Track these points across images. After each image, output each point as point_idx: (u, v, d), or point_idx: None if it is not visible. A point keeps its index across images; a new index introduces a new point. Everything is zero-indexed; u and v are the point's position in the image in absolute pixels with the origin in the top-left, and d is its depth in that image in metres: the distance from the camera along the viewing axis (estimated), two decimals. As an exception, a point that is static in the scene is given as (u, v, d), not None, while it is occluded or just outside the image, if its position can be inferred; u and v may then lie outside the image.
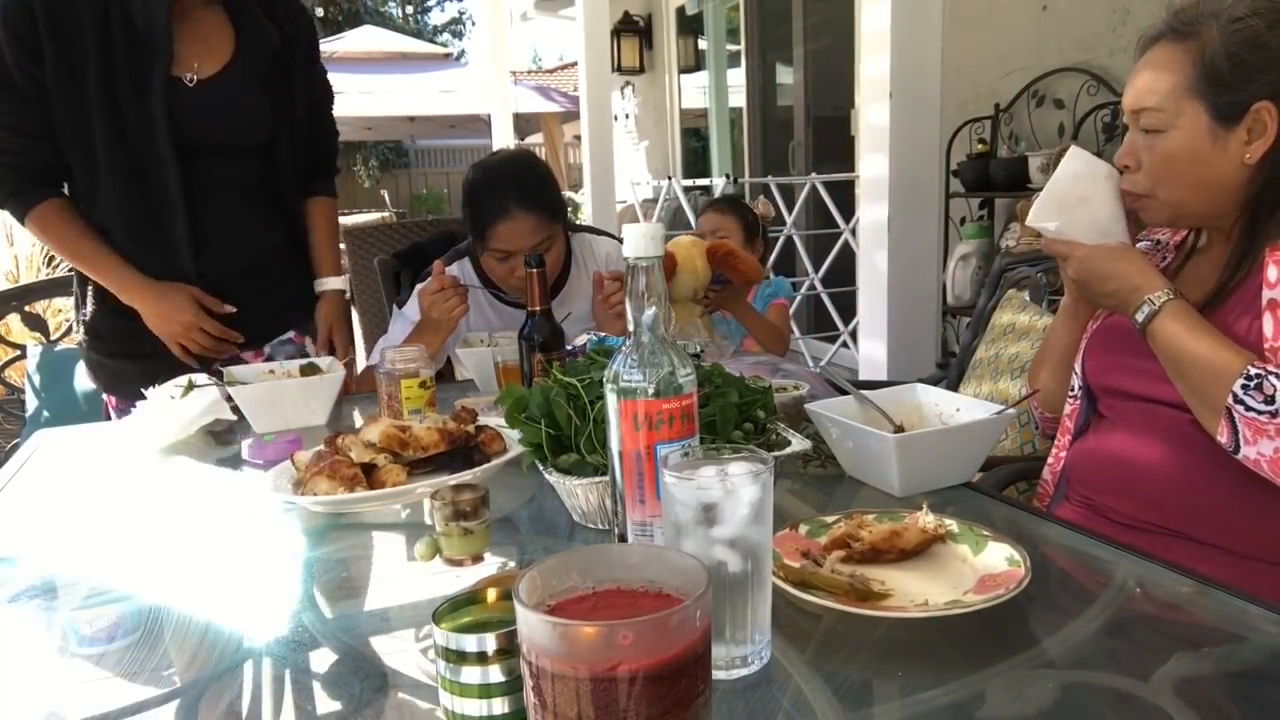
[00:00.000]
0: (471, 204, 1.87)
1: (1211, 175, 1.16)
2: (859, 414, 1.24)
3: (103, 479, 1.43)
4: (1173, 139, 1.17)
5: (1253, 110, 1.12)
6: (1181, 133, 1.16)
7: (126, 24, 1.62)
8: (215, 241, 1.75)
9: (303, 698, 0.77)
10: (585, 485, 1.02)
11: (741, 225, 2.63)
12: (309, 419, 1.60)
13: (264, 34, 1.77)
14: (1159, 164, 1.19)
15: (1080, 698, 0.72)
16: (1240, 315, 1.15)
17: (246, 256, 1.81)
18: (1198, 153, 1.16)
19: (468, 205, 1.89)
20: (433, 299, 1.78)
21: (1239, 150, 1.14)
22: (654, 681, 0.52)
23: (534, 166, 1.99)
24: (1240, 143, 1.14)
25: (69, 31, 1.59)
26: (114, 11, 1.61)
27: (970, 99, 3.87)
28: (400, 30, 17.90)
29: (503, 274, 1.88)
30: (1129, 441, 1.24)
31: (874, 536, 0.92)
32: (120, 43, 1.62)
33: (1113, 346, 1.30)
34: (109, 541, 1.16)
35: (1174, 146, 1.17)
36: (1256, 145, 1.13)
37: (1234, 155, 1.14)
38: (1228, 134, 1.14)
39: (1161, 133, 1.17)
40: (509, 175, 1.88)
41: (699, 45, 7.58)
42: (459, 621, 0.66)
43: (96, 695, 0.79)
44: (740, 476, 0.72)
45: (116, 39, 1.62)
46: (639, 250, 0.81)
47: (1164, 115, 1.16)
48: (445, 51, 13.41)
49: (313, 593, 0.98)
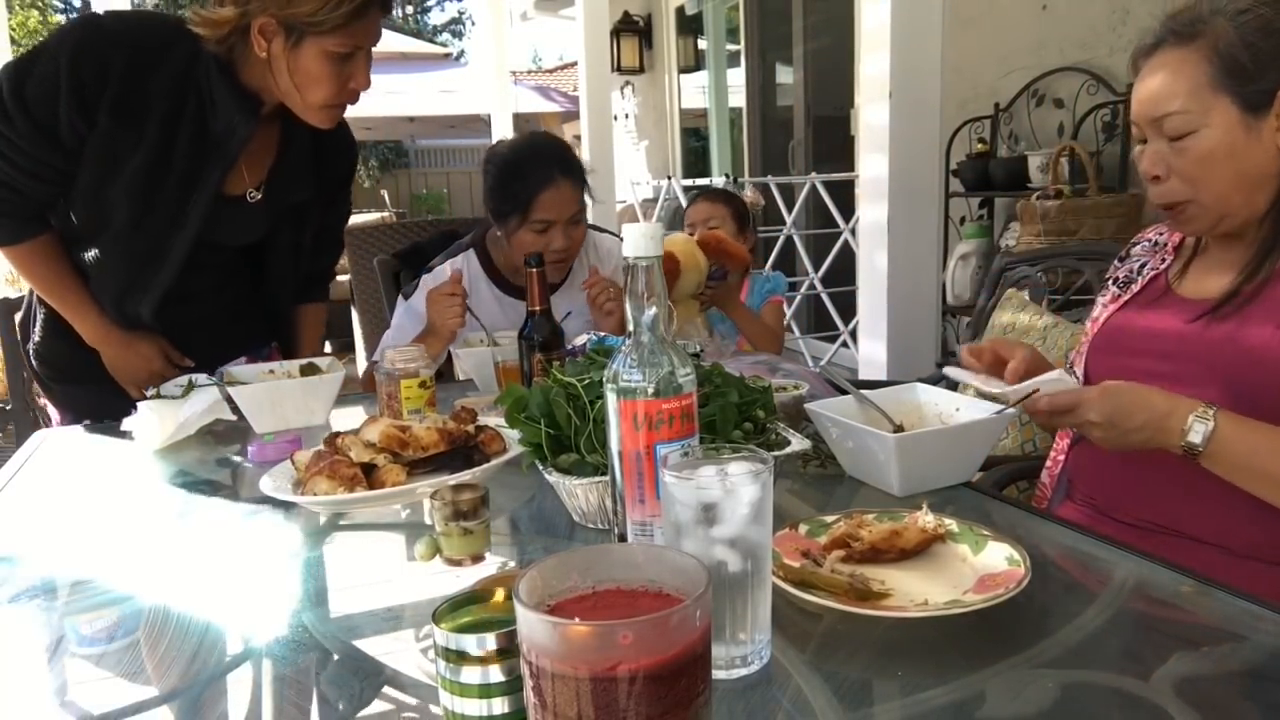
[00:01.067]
0: (509, 180, 1.89)
1: (1250, 167, 1.14)
2: (859, 414, 1.24)
3: (103, 479, 1.43)
4: (1206, 138, 1.14)
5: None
6: (1214, 130, 1.14)
7: (200, 128, 1.58)
8: (179, 306, 1.74)
9: (302, 698, 0.77)
10: (585, 485, 1.02)
11: (733, 214, 2.58)
12: (309, 419, 1.60)
13: (305, 161, 1.76)
14: (1195, 166, 1.16)
15: (1080, 698, 0.72)
16: (1265, 321, 1.14)
17: (204, 312, 1.81)
18: (1234, 147, 1.14)
19: (501, 185, 1.90)
20: (439, 303, 1.80)
21: (1273, 137, 1.13)
22: (654, 681, 0.52)
23: (561, 140, 2.06)
24: (1273, 130, 1.13)
25: (134, 111, 1.53)
26: (189, 111, 1.57)
27: (970, 98, 3.87)
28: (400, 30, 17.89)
29: (539, 247, 1.86)
30: None
31: (874, 536, 0.92)
32: (183, 141, 1.57)
33: (1117, 350, 1.30)
34: (109, 541, 1.16)
35: (1209, 145, 1.14)
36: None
37: (1269, 143, 1.13)
38: (1260, 123, 1.13)
39: (1192, 133, 1.15)
40: (549, 147, 1.94)
41: (699, 45, 7.58)
42: (459, 621, 0.66)
43: (96, 695, 0.79)
44: (740, 476, 0.72)
45: (181, 137, 1.57)
46: (639, 250, 0.81)
47: (1191, 116, 1.14)
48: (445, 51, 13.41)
49: (313, 593, 0.98)
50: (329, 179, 1.85)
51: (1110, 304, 1.36)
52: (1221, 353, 1.16)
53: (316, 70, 1.54)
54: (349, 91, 1.60)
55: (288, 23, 1.50)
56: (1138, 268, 1.37)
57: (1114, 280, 1.39)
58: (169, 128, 1.55)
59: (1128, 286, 1.35)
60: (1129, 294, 1.34)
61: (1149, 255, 1.37)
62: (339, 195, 1.93)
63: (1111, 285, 1.39)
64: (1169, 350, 1.22)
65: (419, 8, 22.56)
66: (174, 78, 1.55)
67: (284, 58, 1.53)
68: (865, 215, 3.70)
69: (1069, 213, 2.98)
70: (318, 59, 1.53)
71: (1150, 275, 1.33)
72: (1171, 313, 1.25)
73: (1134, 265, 1.38)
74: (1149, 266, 1.35)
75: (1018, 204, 3.24)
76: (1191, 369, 1.18)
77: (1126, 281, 1.36)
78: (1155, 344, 1.24)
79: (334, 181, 1.88)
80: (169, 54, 1.54)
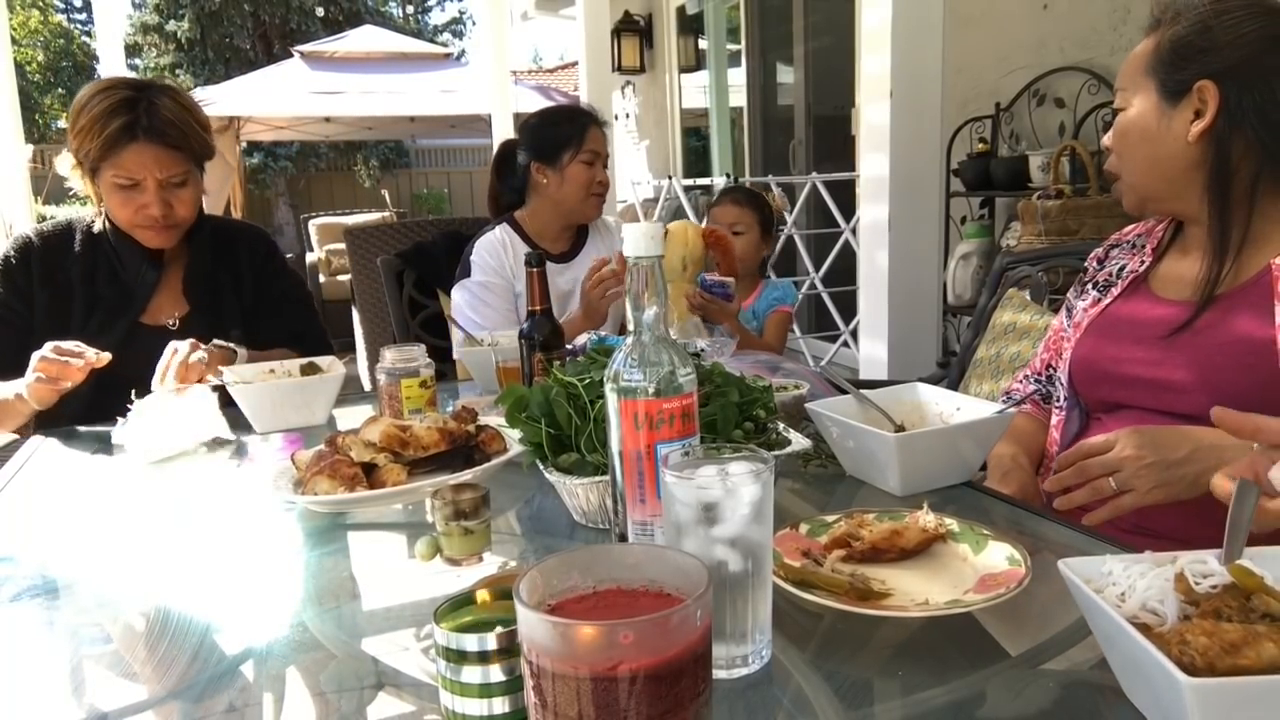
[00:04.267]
0: (559, 122, 2.23)
1: (1161, 153, 1.21)
2: (859, 413, 1.24)
3: (102, 479, 1.43)
4: (1128, 115, 1.24)
5: (1196, 89, 1.16)
6: (1133, 109, 1.22)
7: (112, 278, 1.81)
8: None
9: (303, 698, 0.77)
10: (585, 485, 1.02)
11: (759, 220, 2.54)
12: (309, 419, 1.60)
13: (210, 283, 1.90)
14: (1118, 140, 1.26)
15: (1080, 698, 0.72)
16: (1239, 315, 1.15)
17: None
18: (1146, 129, 1.21)
19: (552, 126, 2.22)
20: (594, 286, 2.02)
21: (1183, 128, 1.18)
22: (654, 681, 0.52)
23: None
24: (1185, 121, 1.18)
25: (60, 282, 1.79)
26: (101, 266, 1.81)
27: (971, 98, 3.87)
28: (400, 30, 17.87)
29: (587, 180, 2.20)
30: None
31: (874, 536, 0.92)
32: (103, 289, 1.80)
33: (1099, 361, 1.30)
34: (109, 541, 1.16)
35: (1127, 122, 1.24)
36: (1197, 124, 1.17)
37: (1179, 133, 1.18)
38: (1173, 111, 1.19)
39: (1122, 110, 1.24)
40: (576, 106, 2.40)
41: (699, 45, 7.57)
42: (459, 621, 0.66)
43: (97, 695, 0.79)
44: (740, 476, 0.72)
45: (101, 288, 1.80)
46: (639, 250, 0.81)
47: (1124, 94, 1.24)
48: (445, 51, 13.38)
49: (313, 593, 0.98)
50: (250, 267, 1.96)
51: (1091, 307, 1.37)
52: (1203, 347, 1.18)
53: (110, 198, 1.76)
54: (144, 215, 1.76)
55: (82, 162, 1.75)
56: (1117, 270, 1.38)
57: (1094, 284, 1.40)
58: (89, 284, 1.80)
59: (1108, 290, 1.37)
60: (1109, 297, 1.36)
61: (1127, 256, 1.38)
62: (274, 285, 2.00)
63: (1091, 289, 1.40)
64: (1154, 347, 1.23)
65: (419, 8, 22.55)
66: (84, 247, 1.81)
67: (94, 191, 1.79)
68: (866, 215, 3.70)
69: (1070, 212, 2.98)
70: (108, 189, 1.75)
71: (1130, 277, 1.36)
72: (1151, 308, 1.28)
73: (1113, 269, 1.39)
74: (1128, 269, 1.36)
75: (1019, 203, 3.24)
76: (1176, 362, 1.20)
77: (1106, 285, 1.38)
78: (1145, 332, 1.25)
79: (256, 272, 1.97)
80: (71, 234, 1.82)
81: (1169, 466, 1.02)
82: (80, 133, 1.70)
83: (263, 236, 2.07)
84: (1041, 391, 1.49)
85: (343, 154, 17.42)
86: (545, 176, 2.21)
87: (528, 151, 2.24)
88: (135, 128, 1.69)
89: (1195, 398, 1.15)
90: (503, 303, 2.19)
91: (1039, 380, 1.51)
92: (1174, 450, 1.02)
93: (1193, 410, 1.16)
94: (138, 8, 17.46)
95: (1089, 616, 0.69)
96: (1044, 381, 1.49)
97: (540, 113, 2.31)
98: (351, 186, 17.02)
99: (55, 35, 18.93)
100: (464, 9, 23.42)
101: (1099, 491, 1.05)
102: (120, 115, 1.68)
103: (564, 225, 2.28)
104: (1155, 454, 1.02)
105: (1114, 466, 1.04)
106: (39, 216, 5.94)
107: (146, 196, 1.73)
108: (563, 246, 2.30)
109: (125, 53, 6.21)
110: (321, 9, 17.95)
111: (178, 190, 1.77)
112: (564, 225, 2.28)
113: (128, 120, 1.69)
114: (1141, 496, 1.03)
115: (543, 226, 2.28)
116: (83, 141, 1.70)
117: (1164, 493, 1.02)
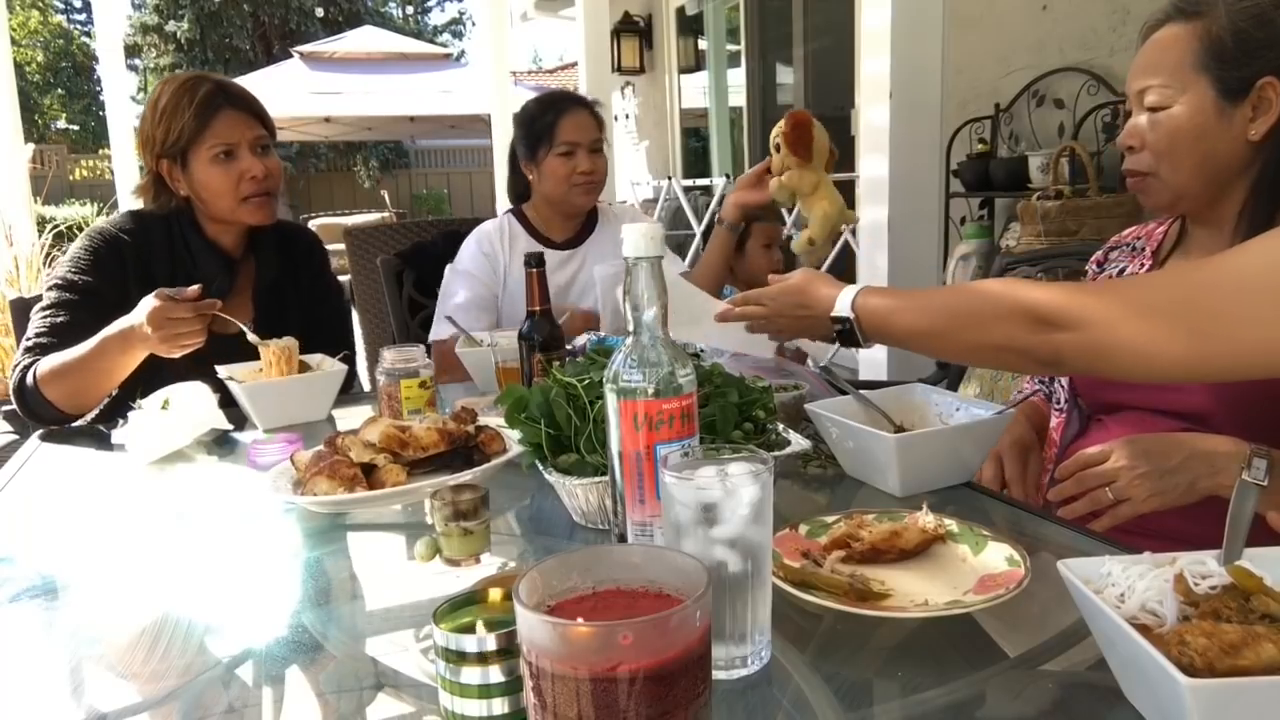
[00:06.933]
0: (537, 115, 2.20)
1: (1215, 153, 1.15)
2: (859, 414, 1.24)
3: (102, 479, 1.43)
4: (1177, 115, 1.15)
5: (1258, 86, 1.11)
6: (1185, 108, 1.14)
7: (189, 283, 1.70)
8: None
9: (303, 698, 0.77)
10: (585, 485, 1.02)
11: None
12: (311, 414, 1.60)
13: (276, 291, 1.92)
14: (1163, 140, 1.17)
15: (1079, 698, 0.72)
16: None
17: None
18: (1202, 129, 1.14)
19: (530, 122, 2.20)
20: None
21: (1243, 127, 1.13)
22: (654, 681, 0.52)
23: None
24: (1245, 119, 1.13)
25: (149, 281, 1.70)
26: (180, 271, 1.79)
27: (970, 99, 3.87)
28: (400, 30, 17.89)
29: (567, 172, 2.17)
30: None
31: (874, 536, 0.92)
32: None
33: None
34: (108, 541, 1.16)
35: (1179, 122, 1.15)
36: (1261, 122, 1.12)
37: (1238, 132, 1.13)
38: (1233, 110, 1.13)
39: (1166, 109, 1.16)
40: (564, 91, 2.52)
41: (699, 45, 7.58)
42: (459, 621, 0.66)
43: (97, 695, 0.79)
44: (740, 476, 0.72)
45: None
46: (639, 250, 0.81)
47: (1169, 91, 1.15)
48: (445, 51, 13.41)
49: (313, 593, 0.98)
50: (303, 269, 1.99)
51: None
52: None
53: (208, 178, 1.77)
54: (249, 181, 1.78)
55: (169, 153, 1.76)
56: (1117, 273, 1.37)
57: None
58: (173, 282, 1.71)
59: None
60: None
61: (1128, 260, 1.38)
62: (318, 283, 2.02)
63: None
64: None
65: (419, 8, 22.56)
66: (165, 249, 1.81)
67: (186, 182, 1.79)
68: (866, 215, 3.70)
69: (1069, 213, 2.98)
70: (206, 167, 1.76)
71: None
72: None
73: (1113, 271, 1.38)
74: (1128, 272, 1.36)
75: (1018, 204, 3.24)
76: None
77: None
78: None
79: (307, 273, 2.00)
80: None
81: (1163, 475, 1.04)
82: (165, 116, 1.75)
83: (316, 241, 2.10)
84: (1044, 392, 1.49)
85: (342, 154, 17.44)
86: (531, 172, 2.26)
87: (515, 148, 2.30)
88: (220, 96, 1.77)
89: (1196, 397, 1.15)
90: (472, 293, 2.20)
91: (1041, 380, 1.51)
92: (1167, 459, 1.04)
93: (1194, 409, 1.16)
94: (138, 8, 17.48)
95: (1088, 617, 0.69)
96: (1046, 382, 1.50)
97: (523, 105, 2.32)
98: (351, 187, 17.03)
99: (55, 35, 18.95)
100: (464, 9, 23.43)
101: (1098, 502, 1.08)
102: (203, 87, 1.77)
103: (561, 215, 2.31)
104: (1149, 463, 1.05)
105: (1110, 477, 1.07)
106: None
107: (245, 161, 1.78)
108: (567, 234, 2.32)
109: (125, 53, 6.22)
110: (321, 9, 17.96)
111: (265, 157, 1.82)
112: (561, 215, 2.31)
113: (212, 89, 1.77)
114: (1138, 505, 1.05)
115: (543, 217, 2.32)
116: (171, 124, 1.75)
117: (1160, 500, 1.05)
